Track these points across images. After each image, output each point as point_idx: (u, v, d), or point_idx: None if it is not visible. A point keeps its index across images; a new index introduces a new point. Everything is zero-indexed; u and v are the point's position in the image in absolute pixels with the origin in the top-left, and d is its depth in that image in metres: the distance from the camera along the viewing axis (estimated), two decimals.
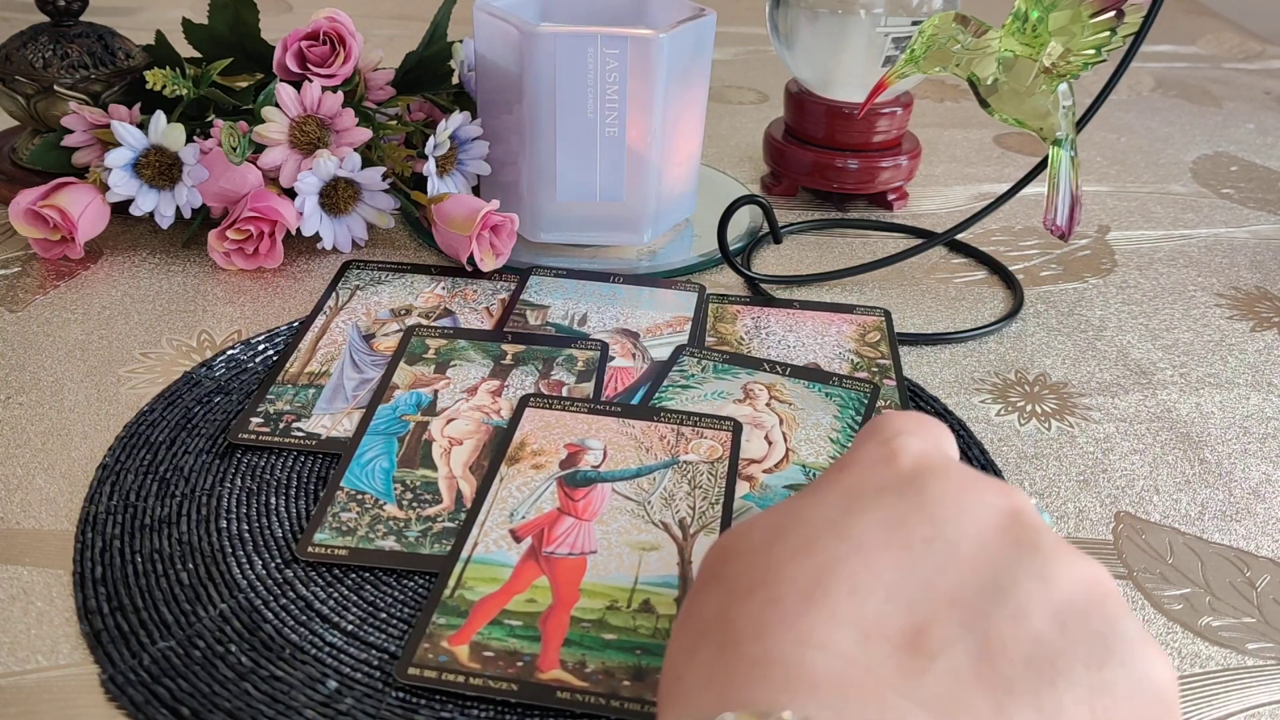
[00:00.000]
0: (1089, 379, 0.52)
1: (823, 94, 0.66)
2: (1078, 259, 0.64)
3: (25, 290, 0.54)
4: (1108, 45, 0.49)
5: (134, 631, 0.34)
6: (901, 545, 0.24)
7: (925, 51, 0.52)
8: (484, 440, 0.43)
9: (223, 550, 0.37)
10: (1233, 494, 0.44)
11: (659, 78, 0.53)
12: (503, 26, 0.54)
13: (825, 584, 0.23)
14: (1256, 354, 0.55)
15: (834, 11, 0.61)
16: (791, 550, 0.24)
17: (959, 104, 0.93)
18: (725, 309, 0.55)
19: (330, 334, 0.51)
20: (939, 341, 0.54)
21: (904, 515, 0.25)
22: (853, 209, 0.69)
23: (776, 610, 0.23)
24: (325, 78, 0.56)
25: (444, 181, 0.58)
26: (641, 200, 0.57)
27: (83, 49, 0.61)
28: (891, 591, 0.23)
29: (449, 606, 0.35)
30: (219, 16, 0.61)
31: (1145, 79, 1.03)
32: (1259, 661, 0.36)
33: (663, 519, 0.39)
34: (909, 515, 0.25)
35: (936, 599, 0.23)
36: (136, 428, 0.44)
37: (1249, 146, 0.85)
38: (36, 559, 0.37)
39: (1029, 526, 0.25)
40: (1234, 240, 0.68)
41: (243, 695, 0.32)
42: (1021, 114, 0.52)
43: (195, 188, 0.56)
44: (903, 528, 0.24)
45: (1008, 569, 0.23)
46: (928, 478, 0.26)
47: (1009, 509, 0.25)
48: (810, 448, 0.44)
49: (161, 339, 0.50)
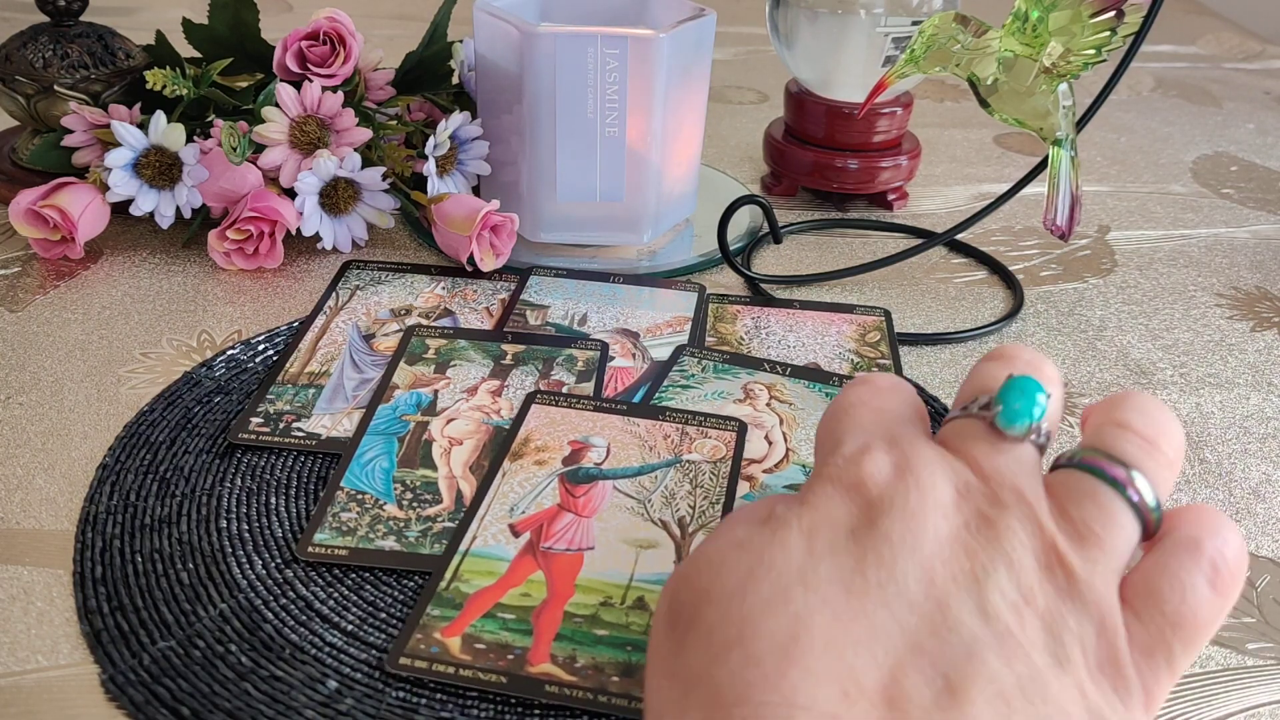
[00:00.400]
0: (1089, 379, 0.52)
1: (823, 94, 0.66)
2: (1078, 259, 0.64)
3: (25, 290, 0.54)
4: (1108, 45, 0.49)
5: (134, 631, 0.34)
6: (860, 593, 0.24)
7: (925, 51, 0.52)
8: (484, 440, 0.43)
9: (223, 550, 0.37)
10: (1233, 494, 0.44)
11: (659, 78, 0.53)
12: (503, 26, 0.54)
13: (800, 640, 0.23)
14: (1256, 354, 0.55)
15: (834, 11, 0.61)
16: (764, 602, 0.24)
17: (959, 104, 0.93)
18: (725, 309, 0.55)
19: (330, 334, 0.51)
20: (939, 341, 0.54)
21: (860, 558, 0.25)
22: (853, 209, 0.69)
23: (758, 670, 0.23)
24: (325, 78, 0.56)
25: (444, 181, 0.58)
26: (641, 200, 0.57)
27: (83, 49, 0.61)
28: (860, 644, 0.23)
29: (444, 599, 0.35)
30: (219, 16, 0.61)
31: (1145, 79, 1.03)
32: (1259, 661, 0.36)
33: (662, 517, 0.39)
34: (864, 557, 0.25)
35: (899, 647, 0.23)
36: (136, 428, 0.44)
37: (1249, 146, 0.85)
38: (36, 559, 0.37)
39: (970, 553, 0.25)
40: (1234, 240, 0.68)
41: (243, 695, 0.32)
42: (1021, 114, 0.52)
43: (195, 188, 0.56)
44: (859, 574, 0.24)
45: (950, 607, 0.24)
46: (879, 515, 0.25)
47: (950, 535, 0.25)
48: (810, 448, 0.44)
49: (161, 339, 0.50)
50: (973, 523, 0.25)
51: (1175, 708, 0.34)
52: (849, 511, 0.26)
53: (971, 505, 0.26)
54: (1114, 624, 0.25)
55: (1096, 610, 0.25)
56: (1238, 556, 0.26)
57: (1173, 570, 0.25)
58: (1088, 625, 0.24)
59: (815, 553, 0.25)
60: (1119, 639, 0.24)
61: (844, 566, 0.24)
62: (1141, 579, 0.26)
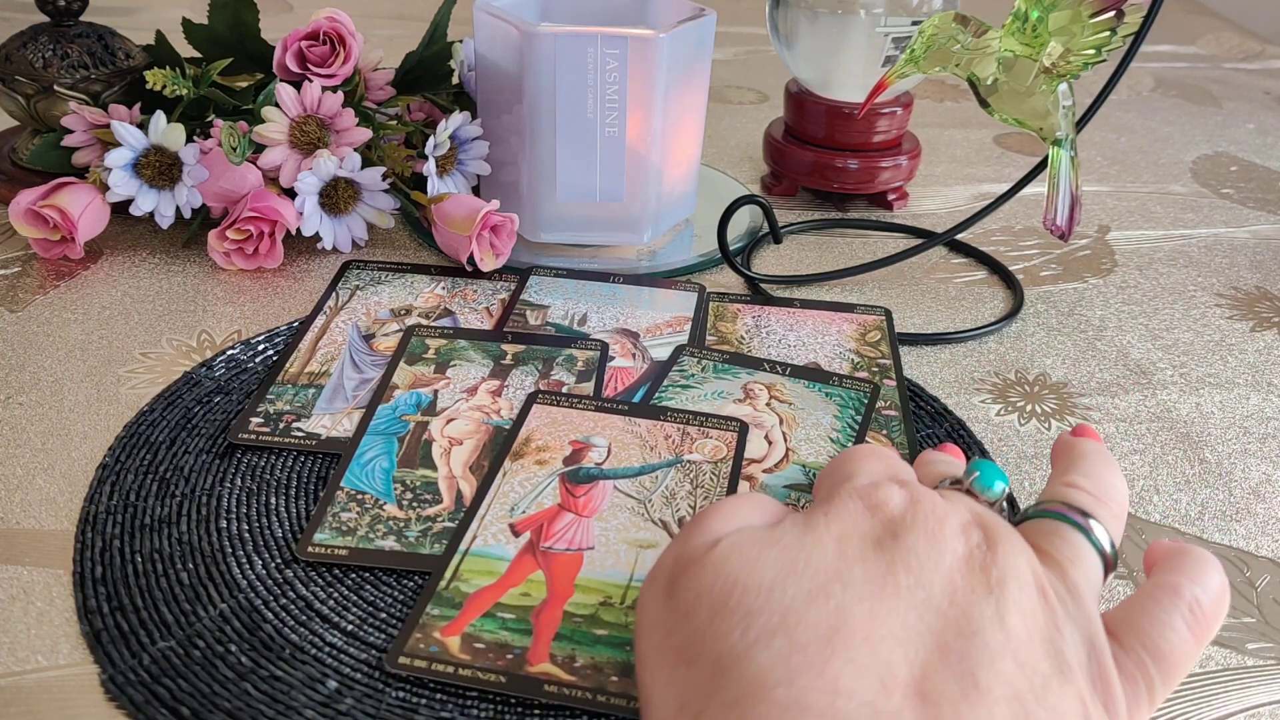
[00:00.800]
0: (1089, 379, 0.52)
1: (823, 94, 0.66)
2: (1078, 259, 0.64)
3: (25, 290, 0.54)
4: (1108, 45, 0.49)
5: (134, 631, 0.34)
6: (893, 595, 0.26)
7: (925, 51, 0.52)
8: (484, 440, 0.43)
9: (223, 550, 0.37)
10: (1233, 494, 0.44)
11: (659, 78, 0.53)
12: (503, 26, 0.54)
13: (842, 631, 0.25)
14: (1256, 354, 0.55)
15: (834, 11, 0.61)
16: (807, 594, 0.26)
17: (959, 104, 0.93)
18: (725, 308, 0.55)
19: (330, 334, 0.51)
20: (939, 341, 0.54)
21: (889, 565, 0.27)
22: (853, 209, 0.69)
23: (803, 657, 0.24)
24: (325, 78, 0.56)
25: (444, 181, 0.58)
26: (641, 200, 0.57)
27: (83, 49, 0.61)
28: (896, 639, 0.25)
29: (444, 598, 0.35)
30: (219, 16, 0.61)
31: (1145, 79, 1.03)
32: (1259, 661, 0.36)
33: (662, 517, 0.39)
34: (893, 564, 0.27)
35: (929, 645, 0.25)
36: (136, 428, 0.44)
37: (1249, 146, 0.85)
38: (36, 559, 0.37)
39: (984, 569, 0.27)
40: (1234, 240, 0.68)
41: (243, 695, 0.32)
42: (1021, 114, 0.52)
43: (195, 188, 0.56)
44: (891, 578, 0.26)
45: (973, 614, 0.26)
46: (902, 531, 0.28)
47: (965, 555, 0.27)
48: (810, 447, 0.44)
49: (161, 339, 0.50)
50: (981, 546, 0.28)
51: (1175, 708, 0.34)
52: (872, 526, 0.28)
53: (977, 534, 0.28)
54: (1102, 644, 0.27)
55: (1086, 630, 0.27)
56: (1215, 602, 0.28)
57: (1152, 612, 0.28)
58: (1080, 643, 0.27)
59: (847, 556, 0.27)
60: (1107, 659, 0.27)
61: (875, 571, 0.27)
62: (1124, 615, 0.28)
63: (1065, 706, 0.24)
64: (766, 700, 0.24)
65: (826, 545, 0.27)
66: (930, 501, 0.29)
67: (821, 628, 0.25)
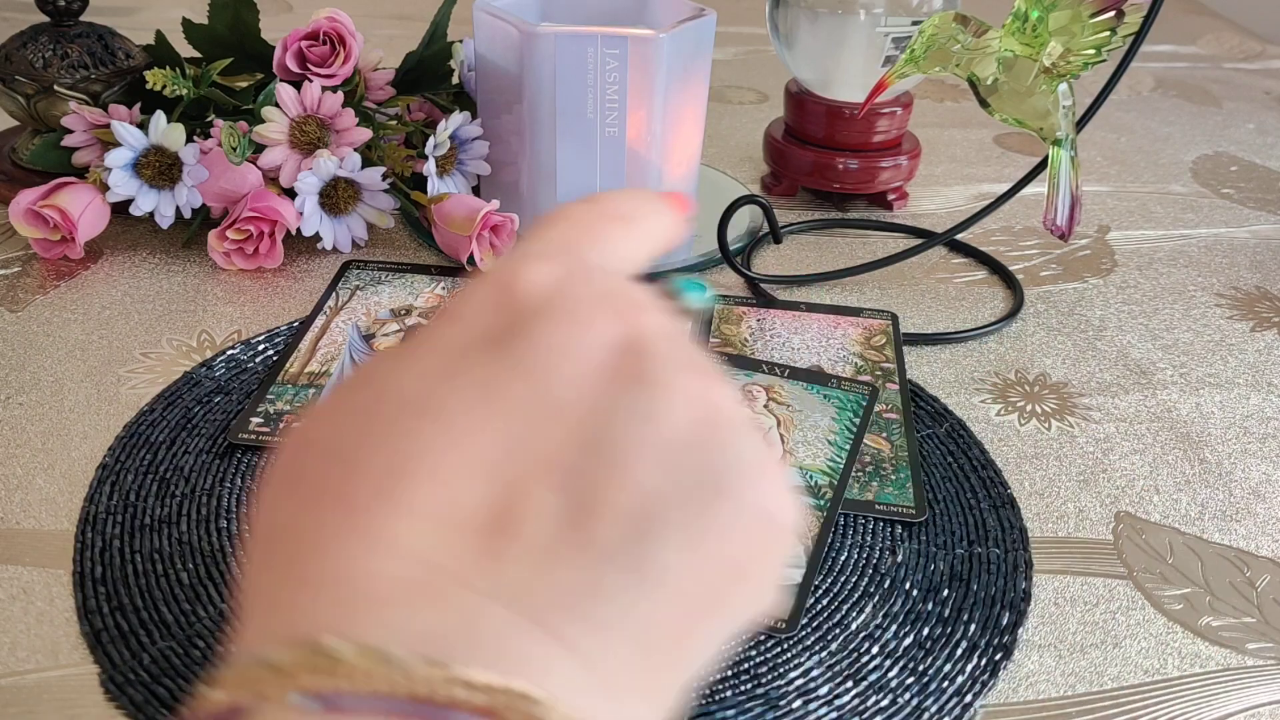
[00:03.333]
0: (1089, 379, 0.52)
1: (823, 94, 0.66)
2: (1078, 259, 0.64)
3: (25, 290, 0.54)
4: (1108, 45, 0.49)
5: (134, 631, 0.34)
6: (500, 413, 0.20)
7: (925, 51, 0.52)
8: None
9: (223, 550, 0.37)
10: (1233, 494, 0.44)
11: (659, 78, 0.53)
12: (503, 26, 0.54)
13: (404, 475, 0.19)
14: (1256, 354, 0.55)
15: (834, 11, 0.61)
16: (373, 439, 0.20)
17: (959, 104, 0.93)
18: (730, 310, 0.55)
19: (330, 334, 0.51)
20: (939, 341, 0.54)
21: (501, 373, 0.20)
22: (853, 209, 0.69)
23: (345, 513, 0.19)
24: (325, 78, 0.56)
25: (444, 181, 0.58)
26: None
27: (83, 49, 0.61)
28: (484, 470, 0.19)
29: None
30: (219, 16, 0.61)
31: (1145, 79, 1.03)
32: (1259, 661, 0.36)
33: None
34: (507, 372, 0.20)
35: (532, 467, 0.19)
36: (136, 428, 0.44)
37: (1249, 146, 0.85)
38: (36, 559, 0.37)
39: (644, 357, 0.21)
40: (1234, 240, 0.68)
41: None
42: (1021, 114, 0.52)
43: (195, 188, 0.56)
44: (499, 390, 0.20)
45: (610, 415, 0.20)
46: (532, 320, 0.21)
47: (623, 341, 0.21)
48: (808, 449, 0.44)
49: (161, 339, 0.50)
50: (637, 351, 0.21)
51: (1175, 708, 0.34)
52: (502, 320, 0.21)
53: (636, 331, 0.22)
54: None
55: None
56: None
57: None
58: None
59: (449, 374, 0.21)
60: None
61: (480, 384, 0.20)
62: None
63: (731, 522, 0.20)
64: (298, 577, 0.19)
65: (425, 365, 0.21)
66: (588, 285, 0.22)
67: (377, 476, 0.19)
